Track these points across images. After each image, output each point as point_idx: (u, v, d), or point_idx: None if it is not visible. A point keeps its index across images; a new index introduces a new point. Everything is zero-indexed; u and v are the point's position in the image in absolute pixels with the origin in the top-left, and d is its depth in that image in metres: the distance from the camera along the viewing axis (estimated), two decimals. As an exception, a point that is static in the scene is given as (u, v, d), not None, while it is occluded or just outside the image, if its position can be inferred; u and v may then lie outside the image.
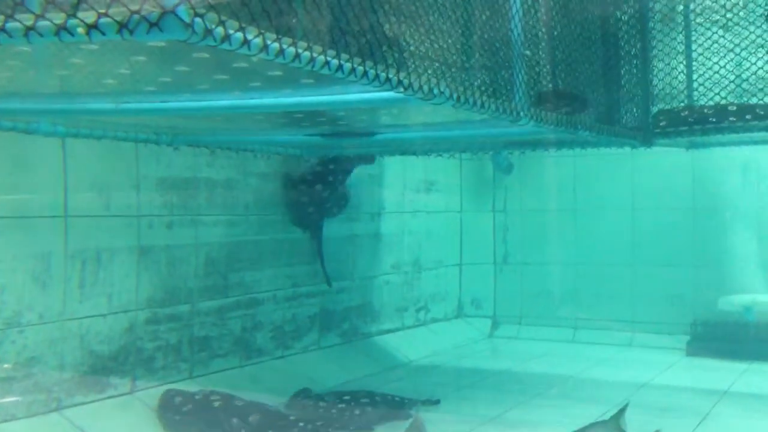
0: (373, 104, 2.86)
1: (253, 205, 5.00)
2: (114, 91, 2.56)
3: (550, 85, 3.40)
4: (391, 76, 2.26)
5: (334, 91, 2.60)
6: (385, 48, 2.22)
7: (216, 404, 3.90)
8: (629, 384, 5.14)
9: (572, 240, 6.71)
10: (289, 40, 1.85)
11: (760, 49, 4.19)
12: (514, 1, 2.96)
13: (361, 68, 2.14)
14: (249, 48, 1.74)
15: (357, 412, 4.14)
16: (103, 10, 1.53)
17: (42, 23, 1.60)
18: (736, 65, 4.24)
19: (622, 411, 3.44)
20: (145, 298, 4.22)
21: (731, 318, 5.99)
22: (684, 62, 4.53)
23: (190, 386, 4.35)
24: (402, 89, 2.32)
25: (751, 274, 5.98)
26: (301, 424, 3.80)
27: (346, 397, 4.33)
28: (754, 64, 4.18)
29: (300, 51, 1.89)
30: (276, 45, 1.82)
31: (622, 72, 4.17)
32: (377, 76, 2.21)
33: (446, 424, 4.11)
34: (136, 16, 1.52)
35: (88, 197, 3.93)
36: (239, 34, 1.70)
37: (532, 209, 6.92)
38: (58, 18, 1.57)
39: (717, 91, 4.36)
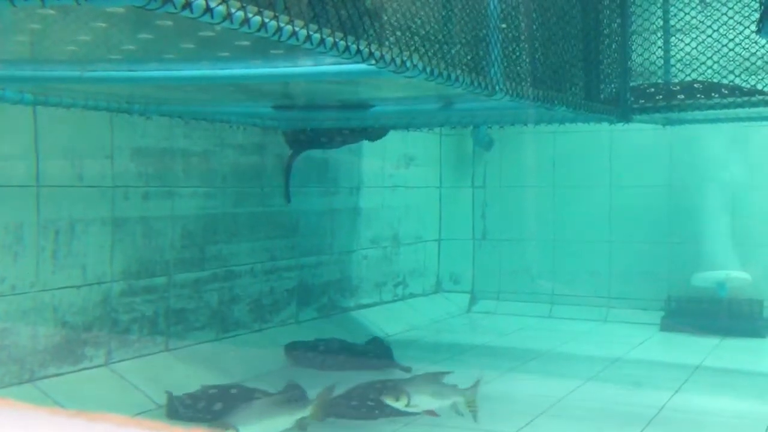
0: (344, 77, 2.82)
1: (231, 177, 4.96)
2: (79, 58, 2.51)
3: (527, 59, 3.37)
4: (362, 48, 2.22)
5: (306, 63, 2.56)
6: (357, 20, 2.18)
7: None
8: (604, 358, 5.19)
9: (550, 216, 6.73)
10: (255, 9, 1.81)
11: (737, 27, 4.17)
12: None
13: (330, 39, 2.10)
14: (212, 16, 1.70)
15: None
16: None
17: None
18: (715, 41, 4.23)
19: (445, 373, 3.64)
20: (120, 270, 4.19)
21: (705, 294, 6.05)
22: (662, 38, 4.51)
23: (167, 359, 4.37)
24: (373, 62, 2.29)
25: (724, 250, 6.03)
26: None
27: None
28: (731, 40, 4.17)
29: (266, 20, 1.85)
30: (241, 14, 1.78)
31: (601, 47, 4.15)
32: (347, 47, 2.17)
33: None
34: (91, -19, 1.48)
35: (61, 167, 3.88)
36: (201, 2, 1.66)
37: (511, 185, 6.92)
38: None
39: (695, 66, 4.34)
